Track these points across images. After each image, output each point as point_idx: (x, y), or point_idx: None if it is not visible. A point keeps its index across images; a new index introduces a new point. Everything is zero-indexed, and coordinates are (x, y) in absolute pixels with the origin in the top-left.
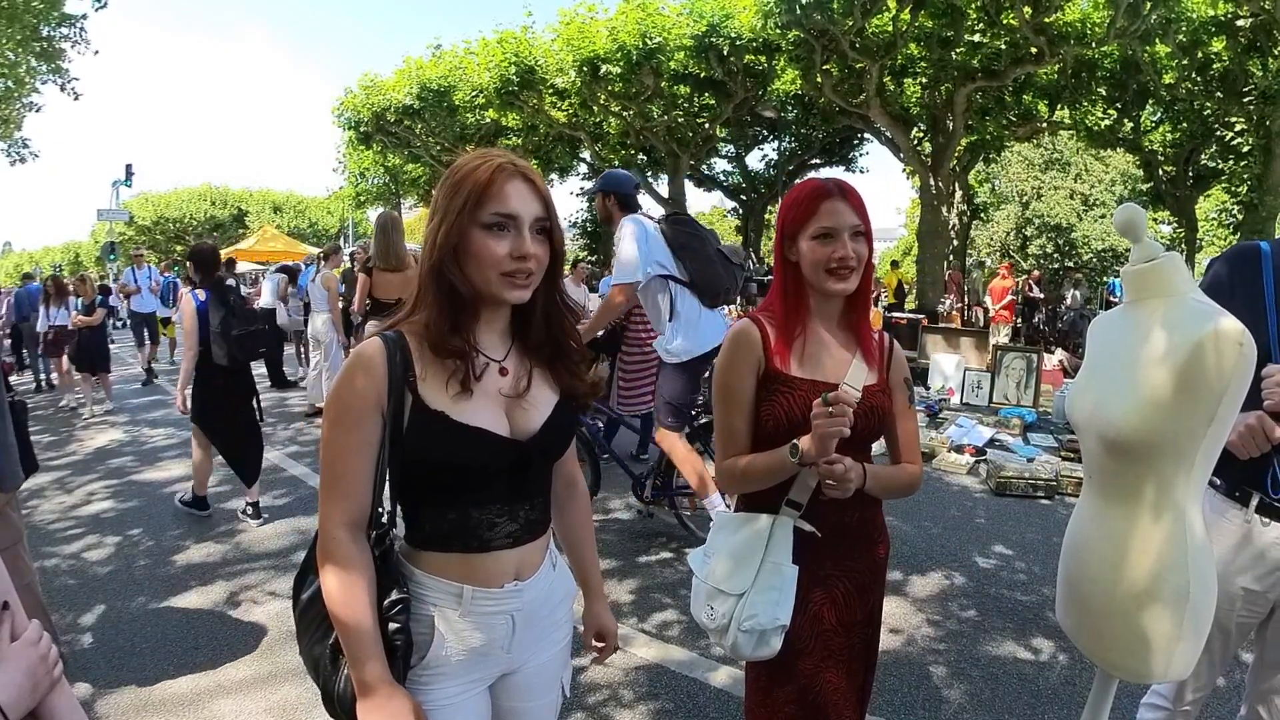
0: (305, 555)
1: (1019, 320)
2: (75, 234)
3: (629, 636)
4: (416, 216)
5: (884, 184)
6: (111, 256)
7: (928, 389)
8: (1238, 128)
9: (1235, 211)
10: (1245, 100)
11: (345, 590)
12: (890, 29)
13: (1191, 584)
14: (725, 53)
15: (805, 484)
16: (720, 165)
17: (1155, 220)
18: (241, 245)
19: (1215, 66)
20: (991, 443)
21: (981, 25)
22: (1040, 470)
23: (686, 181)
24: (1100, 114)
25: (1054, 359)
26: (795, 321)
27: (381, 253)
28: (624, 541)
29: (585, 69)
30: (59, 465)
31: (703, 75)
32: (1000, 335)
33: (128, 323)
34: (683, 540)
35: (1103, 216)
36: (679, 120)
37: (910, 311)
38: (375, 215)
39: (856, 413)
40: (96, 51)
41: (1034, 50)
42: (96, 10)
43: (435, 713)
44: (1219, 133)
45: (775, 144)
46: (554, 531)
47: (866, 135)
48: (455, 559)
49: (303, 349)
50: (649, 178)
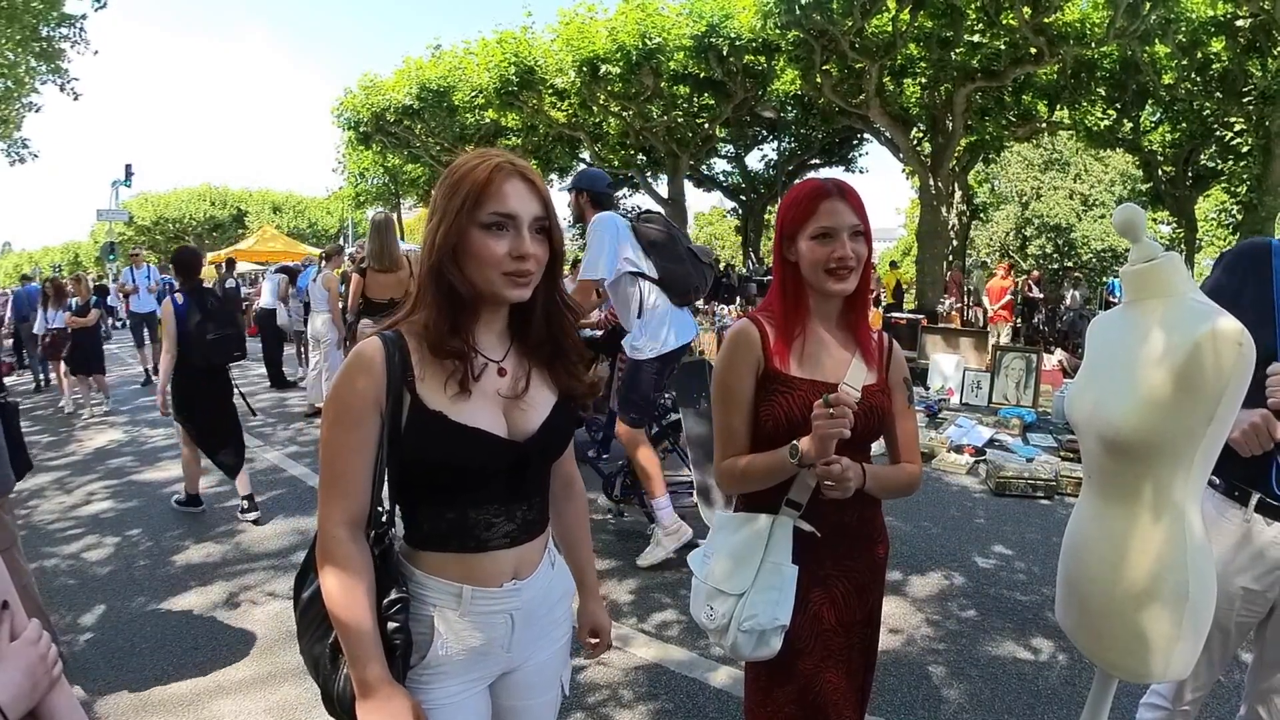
0: (306, 555)
1: (1018, 320)
2: (75, 234)
3: (629, 636)
4: (416, 217)
5: (883, 184)
6: (111, 257)
7: (927, 389)
8: (1237, 128)
9: (1235, 212)
10: (1245, 100)
11: (344, 590)
12: (890, 29)
13: (1191, 583)
14: (725, 53)
15: (805, 484)
16: (720, 165)
17: (1154, 220)
18: (241, 245)
19: (1215, 67)
20: (991, 443)
21: (981, 25)
22: (1040, 470)
23: (686, 181)
24: (1100, 114)
25: (1053, 359)
26: (795, 321)
27: (376, 253)
28: (623, 541)
29: (585, 69)
30: (58, 465)
31: (702, 75)
32: (1000, 335)
33: (126, 323)
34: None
35: (1102, 217)
36: (678, 120)
37: (909, 312)
38: (371, 215)
39: (856, 413)
40: (96, 51)
41: (1033, 50)
42: (96, 10)
43: (435, 712)
44: (1218, 133)
45: (775, 144)
46: (551, 531)
47: (866, 135)
48: (453, 559)
49: (303, 349)
50: (649, 178)
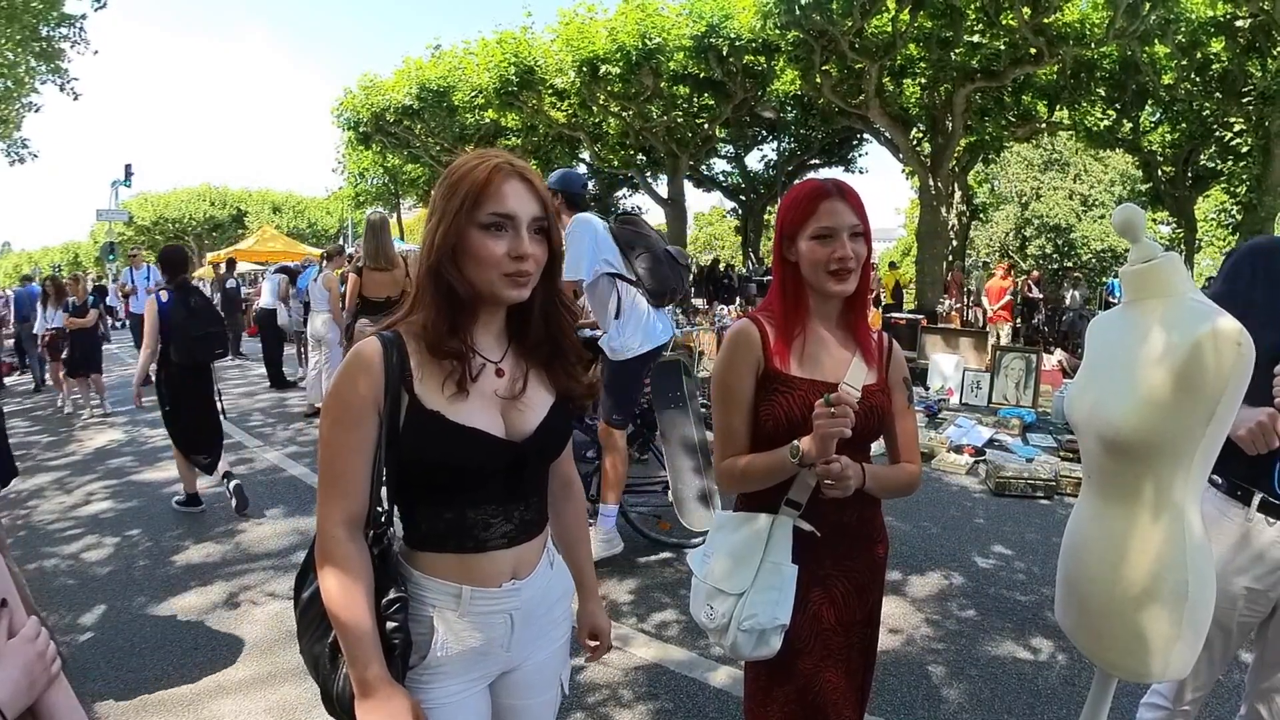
0: (306, 555)
1: (1018, 320)
2: (74, 234)
3: (628, 636)
4: (416, 217)
5: (883, 184)
6: (111, 257)
7: (927, 389)
8: (1237, 128)
9: (1234, 212)
10: (1244, 101)
11: (343, 589)
12: (889, 29)
13: (1190, 583)
14: (724, 53)
15: (805, 484)
16: (719, 165)
17: (1154, 221)
18: (241, 246)
19: (1214, 67)
20: (990, 443)
21: (981, 26)
22: (1039, 470)
23: (686, 182)
24: (1099, 114)
25: (1053, 359)
26: (795, 321)
27: (372, 253)
28: (623, 541)
29: (584, 69)
30: (58, 466)
31: (702, 76)
32: (999, 336)
33: (126, 323)
34: (683, 539)
35: (1102, 217)
36: (678, 120)
37: (908, 312)
38: (368, 215)
39: (856, 412)
40: (96, 51)
41: (1033, 51)
42: (96, 10)
43: (435, 711)
44: (1218, 133)
45: (774, 144)
46: (550, 531)
47: (866, 136)
48: (452, 559)
49: (303, 349)
50: (648, 178)
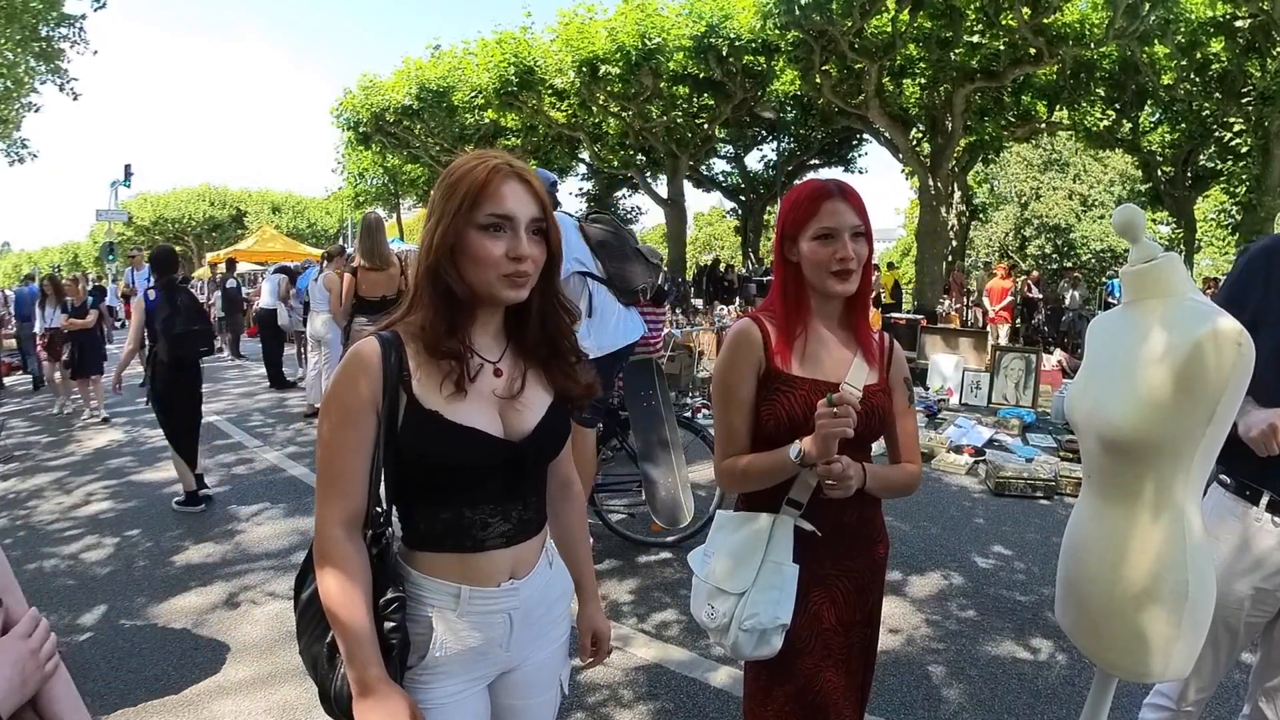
0: (305, 555)
1: (1018, 321)
2: (74, 234)
3: (629, 636)
4: (415, 217)
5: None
6: (110, 257)
7: (926, 389)
8: (1236, 128)
9: (1234, 212)
10: (1244, 101)
11: (342, 589)
12: (889, 30)
13: (1190, 583)
14: (724, 53)
15: (805, 483)
16: (719, 166)
17: (1154, 221)
18: (240, 246)
19: (1214, 67)
20: (990, 443)
21: (980, 26)
22: (1039, 470)
23: (686, 182)
24: (1099, 115)
25: (1052, 359)
26: (796, 321)
27: (366, 252)
28: (623, 542)
29: (584, 69)
30: (58, 466)
31: (702, 76)
32: (999, 336)
33: (126, 324)
34: (682, 539)
35: (1101, 217)
36: (678, 121)
37: (908, 312)
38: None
39: (858, 412)
40: (95, 52)
41: (1033, 51)
42: (95, 10)
43: (434, 711)
44: (1217, 133)
45: (774, 144)
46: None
47: (865, 136)
48: (450, 559)
49: (303, 349)
50: (648, 178)
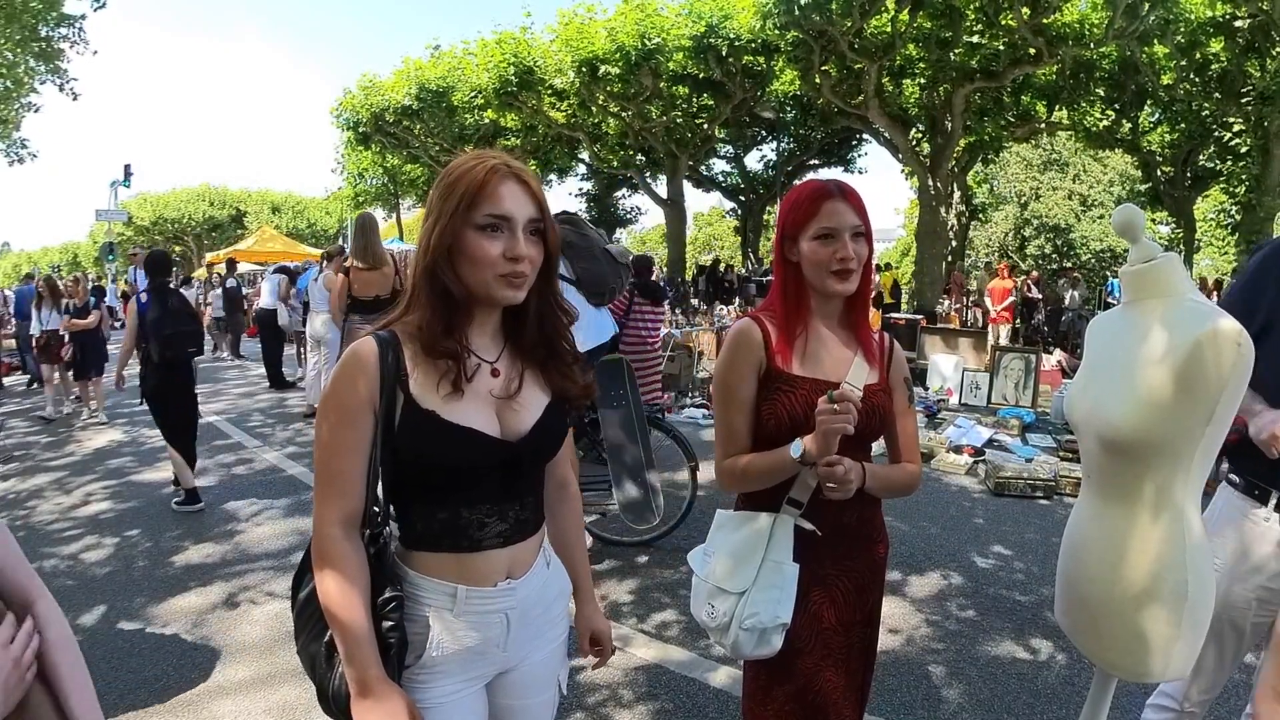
0: (303, 555)
1: (1018, 321)
2: (73, 234)
3: (629, 636)
4: (415, 217)
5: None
6: (110, 257)
7: (926, 389)
8: (1236, 128)
9: (1233, 212)
10: (1243, 101)
11: (340, 588)
12: (889, 30)
13: (1190, 583)
14: (724, 53)
15: (806, 483)
16: (719, 166)
17: (1153, 221)
18: (240, 246)
19: (1213, 67)
20: (990, 443)
21: (980, 26)
22: (1039, 470)
23: (685, 182)
24: (1098, 115)
25: (1052, 359)
26: (796, 321)
27: (360, 252)
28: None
29: (584, 69)
30: (57, 466)
31: (701, 76)
32: (999, 336)
33: (125, 324)
34: (682, 539)
35: (1101, 217)
36: (678, 121)
37: (906, 312)
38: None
39: (859, 410)
40: (95, 52)
41: (1032, 51)
42: (95, 10)
43: (432, 711)
44: (1217, 133)
45: (774, 145)
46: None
47: (865, 136)
48: (447, 559)
49: (302, 349)
50: (648, 178)
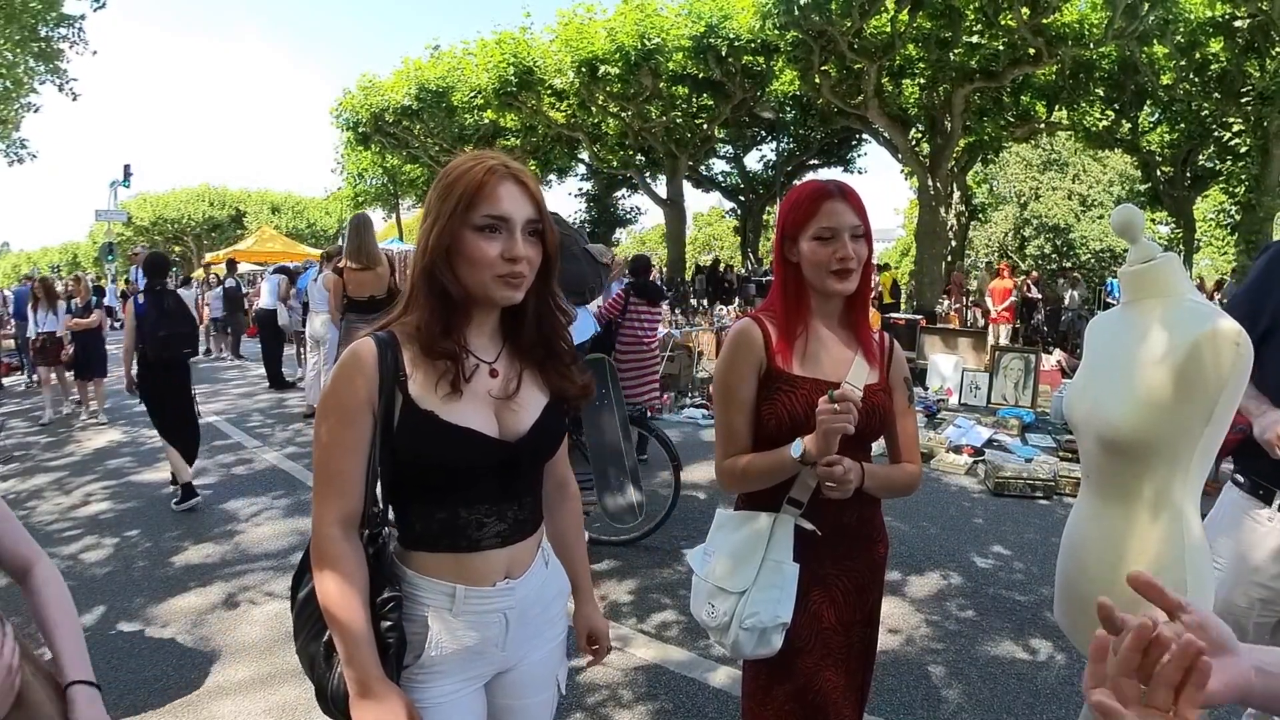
0: (302, 555)
1: (1017, 321)
2: (73, 234)
3: (628, 637)
4: (415, 217)
5: (882, 185)
6: (110, 257)
7: (925, 389)
8: (1235, 128)
9: (1233, 212)
10: (1243, 101)
11: (338, 588)
12: (888, 30)
13: (1189, 582)
14: (723, 53)
15: (806, 483)
16: (719, 166)
17: (1153, 221)
18: (240, 246)
19: (1213, 67)
20: (989, 443)
21: (980, 26)
22: (1038, 470)
23: (685, 182)
24: (1098, 115)
25: (1051, 359)
26: (797, 321)
27: (353, 252)
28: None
29: (584, 70)
30: (57, 466)
31: (701, 76)
32: (999, 336)
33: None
34: (682, 540)
35: (1101, 217)
36: (677, 121)
37: (906, 313)
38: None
39: (859, 410)
40: (95, 52)
41: (1032, 51)
42: (95, 10)
43: (431, 711)
44: (1217, 133)
45: (773, 145)
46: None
47: (864, 136)
48: (446, 559)
49: (302, 350)
50: (647, 178)
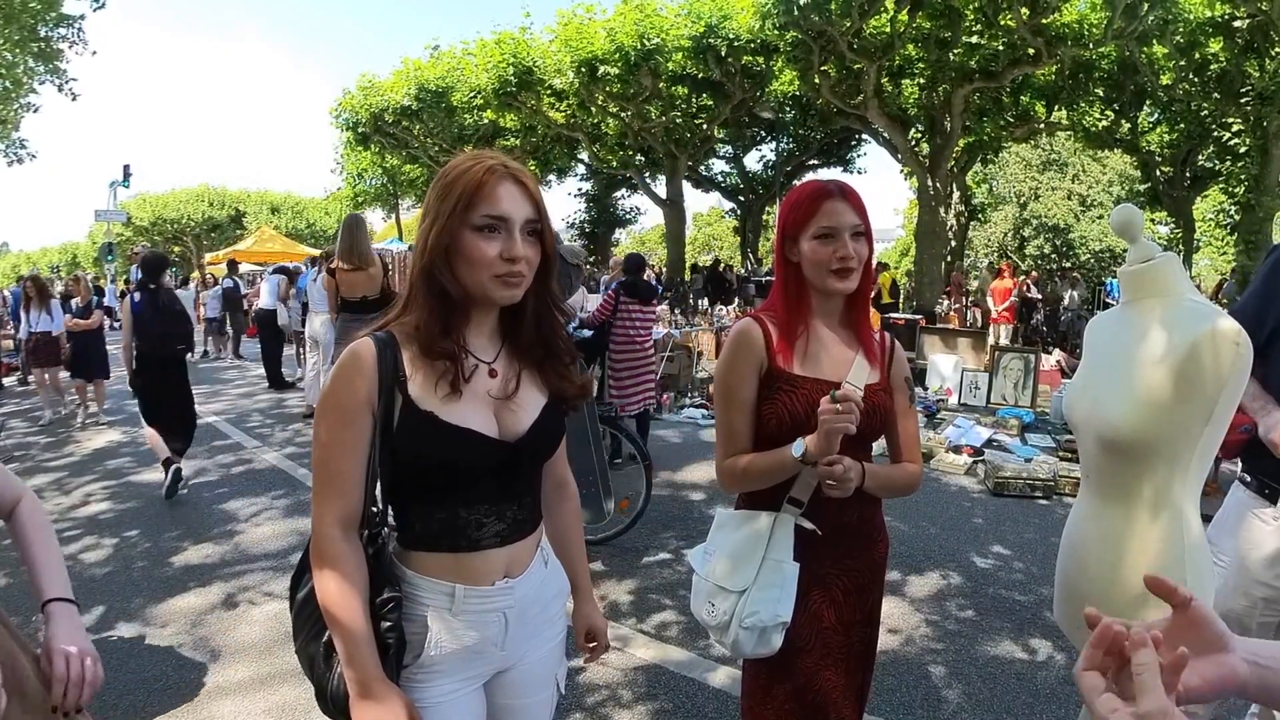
0: (301, 555)
1: (1017, 321)
2: (73, 235)
3: (628, 637)
4: (414, 217)
5: (882, 185)
6: (109, 257)
7: (925, 389)
8: (1235, 128)
9: (1232, 212)
10: (1242, 101)
11: (338, 589)
12: (888, 30)
13: (1189, 582)
14: (723, 54)
15: (806, 482)
16: (718, 166)
17: (1152, 221)
18: (239, 246)
19: (1212, 67)
20: (989, 443)
21: (979, 26)
22: (1038, 470)
23: (684, 182)
24: (1098, 115)
25: (1051, 359)
26: (797, 320)
27: (345, 252)
28: (623, 542)
29: (583, 70)
30: (56, 467)
31: (701, 76)
32: (999, 336)
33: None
34: (682, 540)
35: (1100, 217)
36: (677, 121)
37: (905, 313)
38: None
39: (861, 410)
40: (94, 52)
41: (1031, 51)
42: (95, 10)
43: (430, 710)
44: (1216, 133)
45: (773, 145)
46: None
47: (864, 136)
48: (445, 559)
49: (302, 350)
50: (647, 178)
